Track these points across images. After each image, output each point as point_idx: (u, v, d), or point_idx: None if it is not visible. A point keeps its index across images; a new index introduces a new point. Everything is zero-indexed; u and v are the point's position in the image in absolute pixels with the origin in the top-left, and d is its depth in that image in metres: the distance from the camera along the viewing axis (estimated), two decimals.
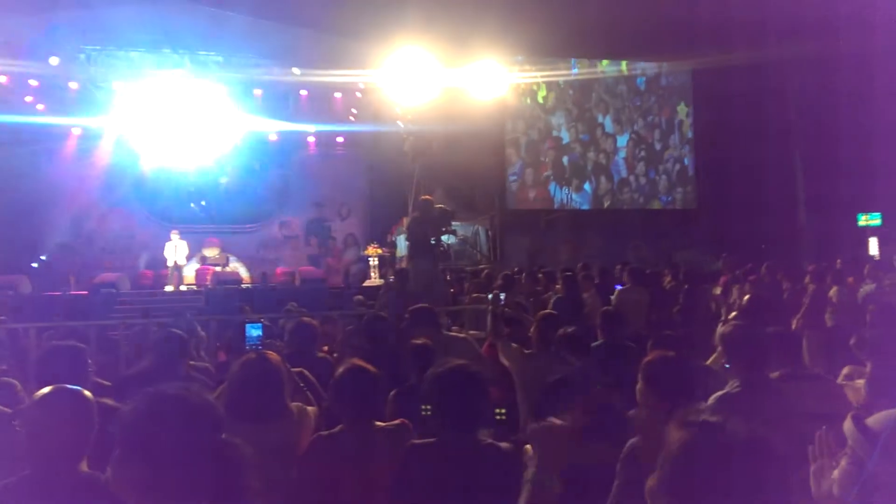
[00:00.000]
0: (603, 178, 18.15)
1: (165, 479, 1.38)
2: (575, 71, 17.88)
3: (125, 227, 16.71)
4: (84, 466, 2.07)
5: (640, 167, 18.45)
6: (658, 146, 18.60)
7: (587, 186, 18.03)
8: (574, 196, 17.98)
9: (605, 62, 18.11)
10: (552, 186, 17.85)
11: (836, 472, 1.54)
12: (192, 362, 4.43)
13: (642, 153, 18.48)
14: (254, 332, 3.32)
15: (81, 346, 3.52)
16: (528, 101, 17.66)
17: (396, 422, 2.85)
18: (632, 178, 18.39)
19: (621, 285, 7.92)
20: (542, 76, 17.15)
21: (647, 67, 18.43)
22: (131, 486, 1.42)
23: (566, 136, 17.96)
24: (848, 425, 1.52)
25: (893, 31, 12.43)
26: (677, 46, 16.46)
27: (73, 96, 15.35)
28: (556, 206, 17.79)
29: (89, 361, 3.42)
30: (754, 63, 15.39)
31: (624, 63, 18.25)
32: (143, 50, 15.03)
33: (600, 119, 18.24)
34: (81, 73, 14.85)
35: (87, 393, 2.13)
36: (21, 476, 2.05)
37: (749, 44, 14.97)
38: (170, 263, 14.68)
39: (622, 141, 18.35)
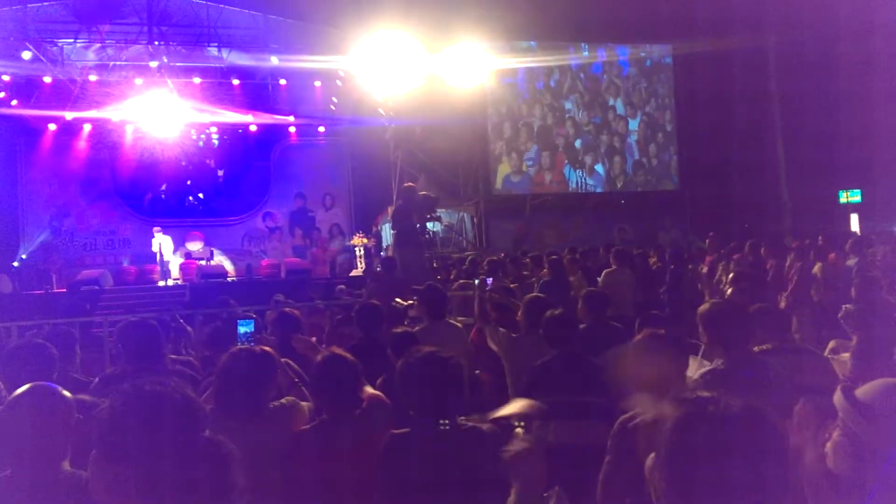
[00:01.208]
0: (617, 159, 18.01)
1: (145, 479, 1.31)
2: (586, 54, 17.70)
3: (106, 222, 16.51)
4: (66, 465, 2.02)
5: (653, 149, 18.32)
6: (670, 127, 18.43)
7: (599, 168, 17.91)
8: (587, 179, 17.89)
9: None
10: (566, 169, 17.74)
11: (828, 445, 1.53)
12: (172, 356, 4.36)
13: (659, 135, 18.31)
14: (243, 328, 3.26)
15: (45, 344, 3.44)
16: (542, 85, 17.52)
17: (370, 394, 2.75)
18: (644, 160, 18.27)
19: (607, 267, 7.91)
20: (532, 61, 16.98)
21: (651, 49, 18.25)
22: (110, 488, 1.35)
23: (579, 120, 17.84)
24: (838, 397, 1.52)
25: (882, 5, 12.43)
26: (660, 29, 16.35)
27: (47, 90, 15.09)
28: (570, 189, 17.72)
29: (56, 358, 3.31)
30: (740, 45, 15.26)
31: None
32: (119, 40, 14.75)
33: (611, 102, 18.12)
34: (55, 66, 14.58)
35: (63, 391, 2.07)
36: (1, 477, 2.00)
37: (737, 17, 14.78)
38: (159, 259, 14.54)
39: (634, 124, 18.22)
